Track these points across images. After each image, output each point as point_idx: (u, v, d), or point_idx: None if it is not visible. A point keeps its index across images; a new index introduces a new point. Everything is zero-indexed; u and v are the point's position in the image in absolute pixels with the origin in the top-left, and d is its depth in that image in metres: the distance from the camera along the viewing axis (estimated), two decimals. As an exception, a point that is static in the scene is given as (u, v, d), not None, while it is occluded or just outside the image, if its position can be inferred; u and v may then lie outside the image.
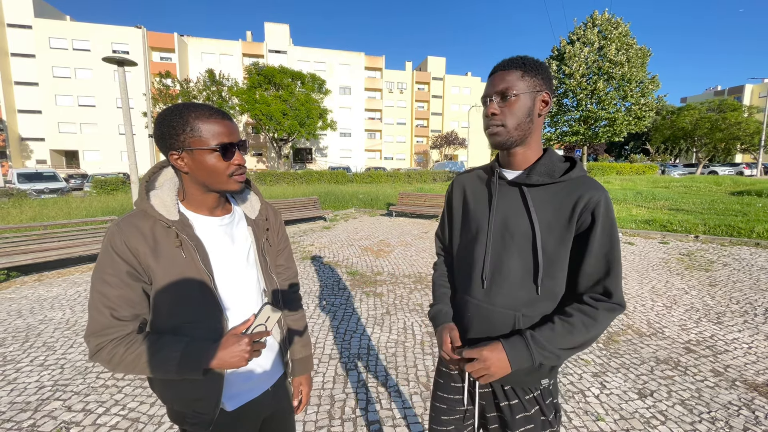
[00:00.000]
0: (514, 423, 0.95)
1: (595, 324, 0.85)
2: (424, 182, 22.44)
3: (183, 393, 0.86)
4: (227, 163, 0.82)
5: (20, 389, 2.37)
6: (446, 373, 1.08)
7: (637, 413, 2.16)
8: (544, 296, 0.90)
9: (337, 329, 3.28)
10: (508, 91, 0.86)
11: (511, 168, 0.97)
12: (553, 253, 0.88)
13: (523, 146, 0.92)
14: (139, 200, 0.84)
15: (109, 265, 0.77)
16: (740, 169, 30.92)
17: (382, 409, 2.21)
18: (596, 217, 0.85)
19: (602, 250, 0.86)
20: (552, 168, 0.91)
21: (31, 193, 15.27)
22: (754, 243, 6.49)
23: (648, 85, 21.28)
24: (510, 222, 0.92)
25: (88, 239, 5.59)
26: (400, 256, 5.88)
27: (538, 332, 0.86)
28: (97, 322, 0.77)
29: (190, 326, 0.83)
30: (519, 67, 0.87)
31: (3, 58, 32.74)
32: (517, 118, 0.88)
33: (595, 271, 0.87)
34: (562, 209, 0.88)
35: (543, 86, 0.89)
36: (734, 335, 3.13)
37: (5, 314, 3.61)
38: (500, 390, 0.97)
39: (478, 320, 0.96)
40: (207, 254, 0.85)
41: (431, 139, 47.26)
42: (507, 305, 0.92)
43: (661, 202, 11.47)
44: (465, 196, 1.06)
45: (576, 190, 0.88)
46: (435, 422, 1.08)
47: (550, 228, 0.88)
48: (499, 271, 0.93)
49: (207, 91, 28.44)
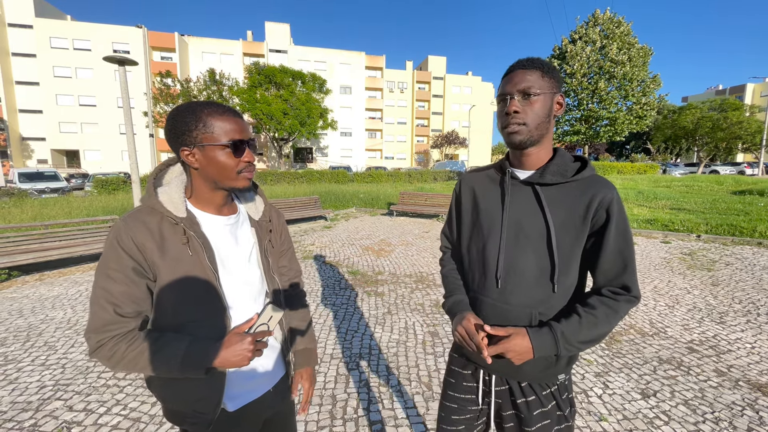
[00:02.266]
0: (531, 419, 0.95)
1: (616, 316, 0.87)
2: (424, 182, 22.44)
3: (184, 392, 0.85)
4: (237, 160, 0.82)
5: (21, 389, 2.37)
6: (458, 372, 1.08)
7: (640, 413, 2.15)
8: (560, 293, 0.91)
9: (338, 329, 3.27)
10: (531, 89, 0.87)
11: (522, 168, 0.97)
12: (569, 251, 0.90)
13: (538, 146, 0.93)
14: (147, 196, 0.83)
15: (115, 261, 0.76)
16: (742, 168, 30.86)
17: (384, 409, 2.20)
18: (611, 214, 0.87)
19: (618, 246, 0.88)
20: (564, 168, 0.92)
21: (32, 192, 15.29)
22: (757, 242, 6.47)
23: (649, 84, 21.24)
24: (524, 221, 0.93)
25: (89, 239, 5.59)
26: (402, 256, 5.87)
27: (564, 324, 0.86)
28: (99, 318, 0.76)
29: (194, 325, 0.82)
30: (539, 68, 0.89)
31: (4, 57, 32.79)
32: (538, 117, 0.88)
33: (612, 267, 0.89)
34: (576, 208, 0.89)
35: (558, 88, 0.91)
36: (737, 335, 3.12)
37: (6, 314, 3.61)
38: (517, 387, 0.97)
39: (493, 319, 0.96)
40: (213, 252, 0.85)
41: (432, 138, 47.25)
42: (523, 304, 0.92)
43: (662, 202, 11.44)
44: (475, 195, 1.05)
45: (589, 189, 0.89)
46: (445, 422, 1.08)
47: (564, 226, 0.89)
48: (514, 270, 0.93)
49: (207, 90, 28.45)
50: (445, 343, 3.02)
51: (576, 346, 0.86)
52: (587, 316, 0.86)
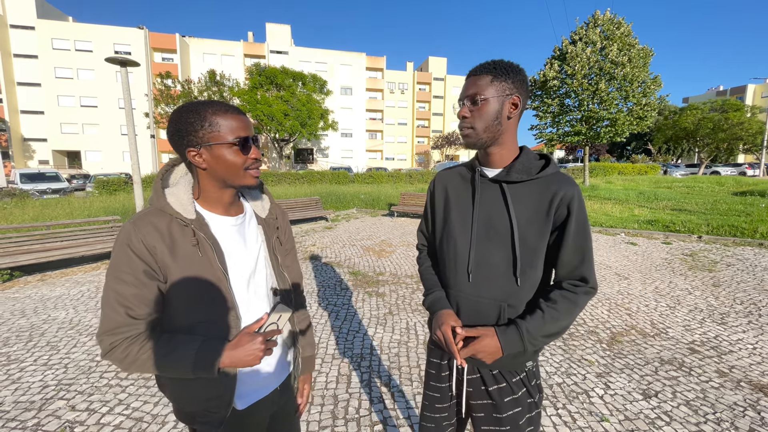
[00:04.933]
0: (503, 406, 1.00)
1: (576, 308, 0.93)
2: (425, 182, 22.42)
3: (196, 392, 0.86)
4: (245, 157, 0.83)
5: (24, 388, 2.38)
6: (436, 363, 1.12)
7: (642, 414, 2.15)
8: (526, 286, 0.96)
9: (339, 329, 3.28)
10: (477, 96, 0.91)
11: (490, 166, 1.01)
12: (534, 246, 0.94)
13: (498, 146, 0.97)
14: (155, 198, 0.83)
15: (126, 264, 0.77)
16: (743, 169, 30.80)
17: (386, 409, 2.20)
18: (571, 210, 0.92)
19: (577, 240, 0.93)
20: (529, 166, 0.96)
21: (33, 193, 15.31)
22: (758, 243, 6.46)
23: (650, 85, 21.21)
24: (493, 217, 0.97)
25: (90, 239, 5.60)
26: (402, 256, 5.87)
27: (529, 321, 0.92)
28: (111, 321, 0.76)
29: (204, 325, 0.83)
30: (489, 72, 0.92)
31: (6, 59, 32.89)
32: (484, 122, 0.93)
33: (571, 259, 0.94)
34: (541, 204, 0.94)
35: (513, 89, 0.93)
36: (738, 336, 3.12)
37: (9, 314, 3.62)
38: (489, 374, 1.01)
39: (466, 312, 1.01)
40: (223, 253, 0.85)
41: (432, 139, 47.22)
42: (492, 297, 0.97)
43: (663, 203, 11.43)
44: (447, 192, 1.09)
45: (551, 185, 0.94)
46: (429, 410, 1.13)
47: (530, 222, 0.94)
48: (485, 264, 0.97)
49: (208, 91, 28.49)
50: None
51: (540, 340, 0.92)
52: (550, 311, 0.91)
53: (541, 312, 0.92)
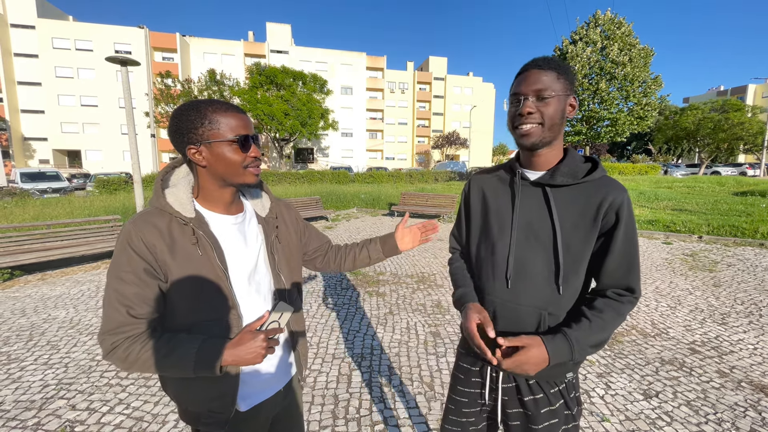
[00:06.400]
0: (539, 417, 0.95)
1: (620, 318, 0.88)
2: (425, 182, 22.43)
3: (199, 392, 0.86)
4: (244, 155, 0.83)
5: (25, 388, 2.38)
6: (466, 368, 1.08)
7: (643, 414, 2.15)
8: (567, 294, 0.91)
9: (340, 329, 3.28)
10: (546, 91, 0.86)
11: (533, 168, 0.96)
12: (578, 252, 0.90)
13: (550, 147, 0.93)
14: (155, 198, 0.84)
15: (126, 263, 0.77)
16: (743, 169, 30.79)
17: (386, 409, 2.20)
18: (620, 217, 0.87)
19: (625, 248, 0.88)
20: (575, 169, 0.92)
21: (33, 192, 15.31)
22: (759, 243, 6.46)
23: (650, 85, 21.22)
24: (534, 222, 0.93)
25: (90, 238, 5.60)
26: (403, 256, 5.87)
27: (576, 329, 0.86)
28: (112, 320, 0.76)
29: (205, 324, 0.83)
30: (555, 68, 0.87)
31: (6, 58, 32.90)
32: (552, 120, 0.88)
33: (617, 268, 0.89)
34: (587, 209, 0.89)
35: (572, 90, 0.90)
36: (739, 336, 3.11)
37: (9, 313, 3.62)
38: (525, 384, 0.96)
39: (503, 318, 0.96)
40: (222, 252, 0.85)
41: (433, 139, 47.24)
42: (532, 304, 0.92)
43: (664, 203, 11.42)
44: (484, 196, 1.05)
45: (600, 190, 0.89)
46: (455, 414, 1.09)
47: (575, 227, 0.89)
48: (524, 270, 0.93)
49: (208, 90, 28.49)
50: (446, 343, 3.02)
51: (587, 350, 0.86)
52: (596, 320, 0.86)
53: (587, 321, 0.86)
